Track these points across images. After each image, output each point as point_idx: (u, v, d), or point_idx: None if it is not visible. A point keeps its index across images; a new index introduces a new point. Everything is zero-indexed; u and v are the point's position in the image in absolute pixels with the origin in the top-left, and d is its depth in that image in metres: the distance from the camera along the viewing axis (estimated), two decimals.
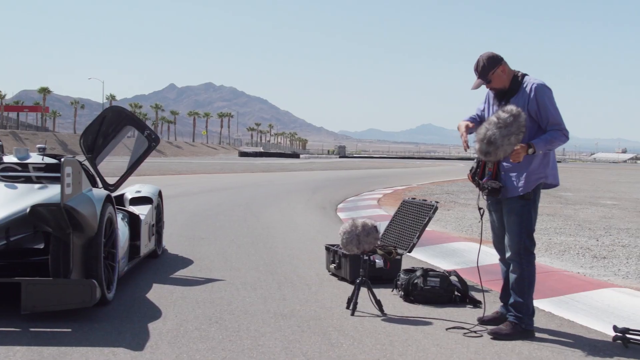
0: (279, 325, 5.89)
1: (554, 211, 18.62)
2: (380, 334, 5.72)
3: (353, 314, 6.33)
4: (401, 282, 7.18)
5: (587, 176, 53.96)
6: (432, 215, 8.00)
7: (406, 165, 75.45)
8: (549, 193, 24.04)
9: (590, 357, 5.25)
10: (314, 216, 16.18)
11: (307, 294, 7.22)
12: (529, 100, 5.72)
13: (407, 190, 27.03)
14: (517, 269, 5.85)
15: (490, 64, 5.78)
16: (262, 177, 37.17)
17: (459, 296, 7.07)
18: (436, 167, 71.49)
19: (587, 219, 16.81)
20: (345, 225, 6.81)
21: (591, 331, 6.03)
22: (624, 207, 21.42)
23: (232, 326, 5.80)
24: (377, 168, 63.14)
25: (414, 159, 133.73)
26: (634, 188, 35.46)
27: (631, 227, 15.05)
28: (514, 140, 5.50)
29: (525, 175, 5.75)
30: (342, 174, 45.82)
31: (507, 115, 5.51)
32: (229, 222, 14.00)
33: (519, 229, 5.82)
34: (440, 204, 18.90)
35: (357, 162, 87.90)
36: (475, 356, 5.19)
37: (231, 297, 6.95)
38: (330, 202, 20.44)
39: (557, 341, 5.68)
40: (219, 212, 16.08)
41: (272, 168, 54.79)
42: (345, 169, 56.33)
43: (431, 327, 6.01)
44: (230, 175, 39.63)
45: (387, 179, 38.41)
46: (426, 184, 33.40)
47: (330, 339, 5.49)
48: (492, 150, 5.55)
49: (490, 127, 5.54)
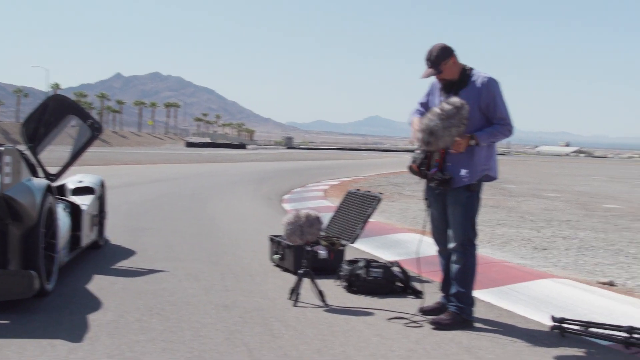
0: (220, 316, 5.87)
1: (498, 203, 18.87)
2: (322, 324, 5.74)
3: (295, 304, 6.34)
4: (344, 273, 7.21)
5: (531, 169, 54.79)
6: (376, 206, 8.03)
7: (353, 157, 75.72)
8: (492, 185, 24.32)
9: (527, 347, 5.33)
10: (259, 207, 16.16)
11: (250, 285, 7.21)
12: (479, 93, 5.78)
13: (354, 182, 27.13)
14: (460, 259, 5.90)
15: (443, 54, 5.83)
16: (209, 168, 36.99)
17: (401, 287, 7.12)
18: (383, 159, 71.86)
19: (530, 211, 17.07)
20: (289, 216, 6.81)
21: (529, 321, 6.13)
22: (565, 199, 21.80)
23: (174, 317, 5.75)
24: (324, 159, 63.26)
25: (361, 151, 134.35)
26: (576, 181, 36.11)
27: (572, 219, 15.33)
28: (455, 132, 5.57)
29: (471, 167, 5.82)
30: (289, 165, 45.82)
31: (450, 107, 5.58)
32: (174, 212, 13.91)
33: (463, 219, 5.89)
34: (386, 196, 19.04)
35: (305, 154, 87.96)
36: (415, 346, 5.23)
37: (173, 288, 6.91)
38: (276, 193, 20.43)
39: (496, 331, 5.76)
40: (164, 202, 15.97)
41: (219, 159, 54.50)
42: (292, 160, 56.35)
43: (373, 318, 6.04)
44: (177, 165, 39.36)
45: (334, 171, 38.52)
46: (373, 176, 33.56)
47: (272, 330, 5.49)
48: (432, 141, 5.62)
49: (433, 118, 5.60)
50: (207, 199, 17.47)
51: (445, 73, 5.86)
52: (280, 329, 5.54)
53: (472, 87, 5.82)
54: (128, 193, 18.01)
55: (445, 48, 5.86)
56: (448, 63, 5.84)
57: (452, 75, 5.88)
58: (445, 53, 5.83)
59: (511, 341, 5.45)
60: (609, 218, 15.95)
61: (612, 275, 8.39)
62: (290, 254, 7.91)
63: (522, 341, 5.46)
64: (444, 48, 5.85)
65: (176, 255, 8.89)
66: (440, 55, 5.82)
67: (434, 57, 5.83)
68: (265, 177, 28.74)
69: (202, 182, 24.26)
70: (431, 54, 5.84)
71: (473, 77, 5.88)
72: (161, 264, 8.21)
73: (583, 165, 79.82)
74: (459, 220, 5.90)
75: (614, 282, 7.90)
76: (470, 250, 5.91)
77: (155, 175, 27.92)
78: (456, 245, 5.91)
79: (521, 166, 61.55)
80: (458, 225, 5.90)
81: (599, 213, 17.25)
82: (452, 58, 5.86)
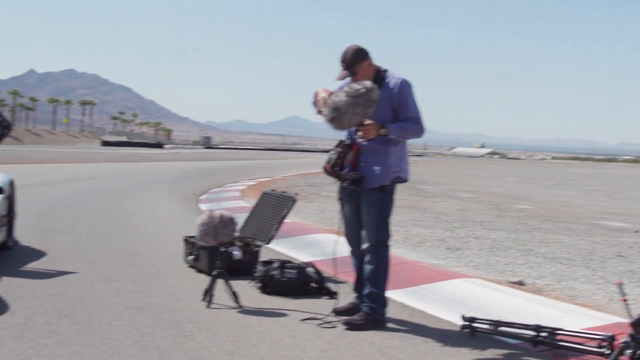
0: (132, 318, 5.78)
1: (414, 204, 19.10)
2: (235, 325, 5.71)
3: (209, 306, 6.30)
4: (258, 274, 7.19)
5: (447, 170, 55.64)
6: (291, 207, 8.03)
7: (272, 157, 75.67)
8: (408, 186, 24.60)
9: (438, 346, 5.40)
10: (175, 207, 16.00)
11: (163, 286, 7.13)
12: (392, 94, 5.83)
13: (271, 182, 27.12)
14: (374, 260, 5.94)
15: (358, 56, 5.85)
16: (125, 167, 36.44)
17: (316, 287, 7.14)
18: (301, 159, 72.00)
19: (445, 211, 17.33)
20: (203, 217, 6.76)
21: (441, 321, 6.21)
22: (479, 200, 22.21)
23: (83, 320, 5.65)
24: (243, 159, 63.04)
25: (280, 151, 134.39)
26: (490, 182, 36.82)
27: (485, 219, 15.62)
28: (361, 111, 5.53)
29: (385, 167, 5.86)
30: (206, 164, 45.51)
31: (360, 87, 5.56)
32: (88, 212, 13.66)
33: (376, 220, 5.92)
34: (303, 196, 19.08)
35: (223, 153, 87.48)
36: (328, 346, 5.25)
37: (84, 290, 6.77)
38: (193, 193, 20.26)
39: (409, 330, 5.82)
40: (78, 202, 15.67)
41: (136, 158, 53.76)
42: (211, 160, 55.98)
43: (286, 319, 6.04)
44: (92, 164, 38.67)
45: (252, 171, 38.41)
46: (291, 176, 33.59)
47: (184, 332, 5.44)
48: (336, 117, 5.57)
49: (340, 94, 5.57)
50: (122, 199, 17.22)
51: (360, 75, 5.88)
52: (192, 330, 5.49)
53: (386, 88, 5.86)
54: (40, 192, 17.62)
55: (360, 50, 5.89)
56: (362, 65, 5.87)
57: (367, 77, 5.90)
58: (360, 55, 5.86)
59: (423, 341, 5.51)
60: (521, 219, 16.30)
61: (522, 275, 8.58)
62: (204, 255, 7.85)
63: (434, 340, 5.53)
64: (359, 50, 5.89)
65: (88, 256, 8.72)
66: (354, 57, 5.85)
67: (349, 59, 5.85)
68: (183, 177, 28.49)
69: (118, 182, 23.88)
70: (346, 56, 5.86)
71: (387, 78, 5.92)
72: (72, 265, 8.05)
73: (497, 166, 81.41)
74: (372, 221, 5.92)
75: (524, 282, 8.08)
76: (383, 251, 5.95)
77: (70, 174, 27.38)
78: (369, 245, 5.94)
79: (437, 167, 62.47)
80: (371, 226, 5.93)
81: (512, 214, 17.62)
82: (367, 60, 5.89)
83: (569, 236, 13.08)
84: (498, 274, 8.56)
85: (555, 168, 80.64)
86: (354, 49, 5.88)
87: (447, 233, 12.63)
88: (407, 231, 12.60)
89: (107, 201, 16.30)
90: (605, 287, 8.06)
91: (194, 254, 8.12)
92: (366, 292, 5.99)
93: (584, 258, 10.29)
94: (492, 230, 13.53)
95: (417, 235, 12.02)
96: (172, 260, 8.66)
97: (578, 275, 8.77)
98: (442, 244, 11.14)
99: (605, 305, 7.04)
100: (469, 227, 13.90)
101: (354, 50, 5.88)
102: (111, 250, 9.28)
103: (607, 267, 9.57)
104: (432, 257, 9.71)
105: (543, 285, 7.98)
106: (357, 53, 5.87)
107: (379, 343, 5.41)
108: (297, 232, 11.33)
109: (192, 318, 5.87)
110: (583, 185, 38.02)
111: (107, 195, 17.88)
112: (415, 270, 8.30)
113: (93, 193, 18.53)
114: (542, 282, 8.21)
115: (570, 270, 9.12)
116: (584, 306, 6.80)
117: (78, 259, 8.51)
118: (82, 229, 11.15)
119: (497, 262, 9.52)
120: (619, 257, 10.59)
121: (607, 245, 11.87)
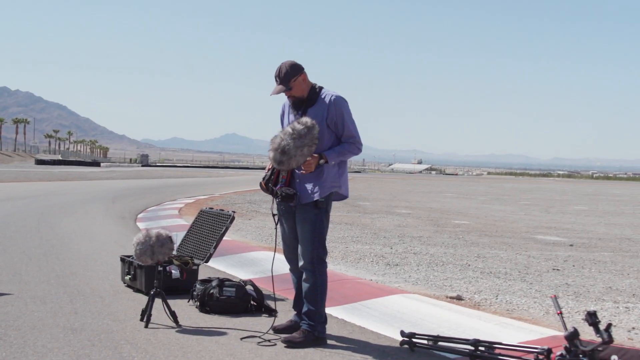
0: (68, 339, 5.67)
1: (352, 220, 19.16)
2: (173, 345, 5.63)
3: (147, 326, 6.21)
4: (197, 293, 7.13)
5: (385, 186, 55.96)
6: (229, 225, 7.99)
7: (210, 175, 75.21)
8: (347, 203, 24.71)
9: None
10: (112, 226, 15.77)
11: (100, 307, 7.00)
12: (327, 111, 5.85)
13: (210, 200, 26.95)
14: (310, 277, 5.93)
15: (292, 71, 5.86)
16: (60, 186, 35.82)
17: (255, 305, 7.10)
18: (240, 177, 71.73)
19: (383, 227, 17.42)
20: (139, 236, 6.68)
21: (381, 336, 6.22)
22: (417, 215, 22.37)
23: (18, 342, 5.51)
24: (181, 177, 62.55)
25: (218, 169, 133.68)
26: (427, 197, 37.13)
27: (423, 235, 15.74)
28: (307, 151, 5.64)
29: (320, 183, 5.86)
30: (144, 183, 45.01)
31: (302, 127, 5.63)
32: (21, 232, 13.38)
33: (312, 237, 5.91)
34: (242, 213, 19.02)
35: (160, 171, 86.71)
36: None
37: (18, 312, 6.62)
38: (130, 212, 20.02)
39: (348, 347, 5.82)
40: (10, 222, 15.34)
41: (71, 177, 52.93)
42: (148, 178, 55.38)
43: (225, 337, 5.99)
44: (26, 183, 37.91)
45: (190, 188, 38.13)
46: (229, 194, 33.43)
47: (122, 353, 5.35)
48: (285, 160, 5.66)
49: (285, 138, 5.64)
50: (57, 218, 16.91)
51: (294, 90, 5.89)
52: (130, 351, 5.40)
53: (321, 104, 5.88)
54: None
55: (295, 65, 5.90)
56: (297, 80, 5.88)
57: (302, 92, 5.91)
58: (295, 70, 5.88)
59: (363, 357, 5.51)
60: (458, 234, 16.48)
61: (460, 290, 8.66)
62: (142, 274, 7.75)
63: (373, 357, 5.53)
64: (294, 65, 5.89)
65: (22, 277, 8.54)
66: (289, 73, 5.86)
67: (284, 74, 5.86)
68: (120, 195, 28.13)
69: (53, 201, 23.45)
70: (280, 71, 5.87)
71: (322, 95, 5.94)
72: (5, 286, 7.87)
73: (435, 182, 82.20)
74: (308, 237, 5.91)
75: (462, 297, 8.15)
76: (320, 267, 5.94)
77: (2, 194, 26.78)
78: (305, 263, 5.93)
79: (375, 183, 62.81)
80: (307, 242, 5.92)
81: (449, 229, 17.79)
82: (302, 75, 5.91)
83: (506, 250, 13.26)
84: (437, 289, 8.62)
85: (492, 183, 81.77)
86: (289, 64, 5.89)
87: (386, 249, 12.69)
88: (346, 247, 12.63)
89: (41, 221, 15.98)
90: (542, 300, 8.18)
91: (131, 274, 8.00)
92: (304, 310, 5.97)
93: (520, 272, 10.43)
94: (430, 245, 13.64)
95: (356, 252, 12.06)
96: (108, 280, 8.53)
97: (515, 289, 8.88)
98: (381, 259, 11.18)
99: (542, 318, 7.14)
100: (407, 242, 13.99)
101: (289, 65, 5.89)
102: (46, 270, 9.10)
103: (543, 280, 9.72)
104: (371, 273, 9.74)
105: (481, 300, 8.06)
106: (292, 68, 5.88)
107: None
108: (235, 249, 11.26)
109: (129, 339, 5.78)
110: (518, 200, 38.60)
111: (41, 215, 17.53)
112: (355, 286, 8.31)
113: (26, 213, 18.16)
114: (480, 296, 8.30)
115: (507, 285, 9.23)
116: (521, 320, 6.88)
117: (11, 280, 8.33)
118: (15, 250, 10.91)
119: (435, 277, 9.59)
120: (554, 270, 10.76)
121: (542, 259, 12.06)
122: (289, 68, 5.86)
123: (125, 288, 8.09)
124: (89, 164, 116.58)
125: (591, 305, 7.96)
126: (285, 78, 5.85)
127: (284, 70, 5.86)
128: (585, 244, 15.20)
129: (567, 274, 10.47)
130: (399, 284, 8.89)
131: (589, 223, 22.33)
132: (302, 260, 5.95)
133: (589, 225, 21.26)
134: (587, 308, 7.55)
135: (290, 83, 5.86)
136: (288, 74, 5.85)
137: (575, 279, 9.94)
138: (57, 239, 12.74)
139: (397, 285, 8.82)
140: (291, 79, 5.86)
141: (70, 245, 11.84)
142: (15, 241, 12.01)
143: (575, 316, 7.28)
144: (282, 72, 5.86)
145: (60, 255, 10.58)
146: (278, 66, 5.92)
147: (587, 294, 8.80)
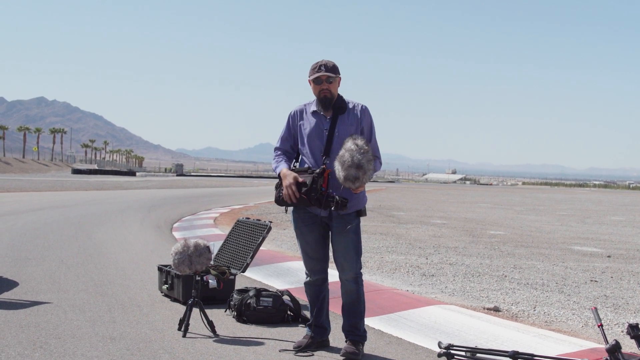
0: (107, 348, 5.71)
1: (387, 230, 19.11)
2: (211, 355, 5.65)
3: (185, 335, 6.24)
4: (234, 303, 7.15)
5: (419, 196, 55.76)
6: (266, 235, 8.01)
7: (244, 184, 75.44)
8: (382, 213, 24.66)
9: None
10: (148, 235, 15.88)
11: (138, 316, 7.05)
12: (360, 121, 5.83)
13: (244, 209, 27.03)
14: (355, 290, 5.86)
15: (336, 68, 5.88)
16: (96, 195, 36.15)
17: (292, 316, 7.11)
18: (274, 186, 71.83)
19: (418, 237, 17.36)
20: (177, 246, 6.72)
21: (418, 348, 6.19)
22: (452, 226, 22.26)
23: (58, 351, 5.57)
24: (215, 187, 62.82)
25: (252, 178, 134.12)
26: (462, 207, 36.94)
27: (458, 245, 15.66)
28: (372, 166, 5.53)
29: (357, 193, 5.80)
30: (179, 192, 45.28)
31: (363, 142, 5.50)
32: (59, 241, 13.52)
33: (356, 246, 5.84)
34: (277, 223, 19.04)
35: (195, 181, 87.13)
36: None
37: (58, 320, 6.69)
38: (166, 221, 20.14)
39: (386, 359, 5.80)
40: (49, 231, 15.51)
41: (107, 186, 53.40)
42: (183, 188, 55.72)
43: (263, 347, 5.99)
44: (62, 193, 38.32)
45: (225, 198, 38.29)
46: (263, 203, 33.48)
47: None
48: (361, 175, 5.47)
49: (354, 153, 5.44)
50: (94, 227, 17.06)
51: (332, 85, 5.85)
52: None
53: (352, 113, 5.85)
54: (11, 221, 17.45)
55: (337, 66, 5.90)
56: (338, 78, 5.88)
57: (335, 92, 5.87)
58: (337, 69, 5.88)
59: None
60: (494, 244, 16.37)
61: (497, 301, 8.60)
62: (179, 283, 7.79)
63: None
64: (336, 66, 5.90)
65: (61, 286, 8.63)
66: (336, 67, 5.86)
67: (332, 65, 5.83)
68: (155, 205, 28.31)
69: (89, 210, 23.67)
70: (328, 63, 5.83)
71: (350, 103, 5.92)
72: (45, 295, 7.96)
73: (469, 192, 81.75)
74: (352, 248, 5.81)
75: (499, 308, 8.09)
76: (361, 278, 5.92)
77: (40, 203, 27.10)
78: (351, 273, 5.84)
79: (410, 193, 62.63)
80: (352, 252, 5.81)
81: (485, 239, 17.69)
82: (339, 77, 5.91)
83: (542, 261, 13.15)
84: (473, 300, 8.58)
85: (527, 193, 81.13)
86: (333, 63, 5.88)
87: (421, 259, 12.65)
88: (381, 257, 12.60)
89: (79, 230, 16.14)
90: (580, 312, 8.10)
91: (168, 283, 8.05)
92: (351, 322, 5.88)
93: (557, 283, 10.34)
94: (466, 256, 13.57)
95: (391, 262, 12.03)
96: (146, 289, 8.59)
97: (552, 301, 8.81)
98: (416, 270, 11.15)
99: (581, 330, 7.07)
100: (443, 253, 13.93)
101: (333, 63, 5.88)
102: (84, 279, 9.18)
103: (580, 292, 9.63)
104: (407, 284, 9.71)
105: (518, 311, 8.00)
106: (336, 67, 5.88)
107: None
108: (271, 259, 11.29)
109: (167, 348, 5.81)
110: (554, 210, 38.27)
111: (79, 224, 17.71)
112: (391, 297, 8.29)
113: (64, 222, 18.35)
114: (517, 308, 8.24)
115: (544, 296, 9.16)
116: (560, 332, 6.82)
117: (50, 288, 8.42)
118: (54, 258, 11.03)
119: (472, 288, 9.54)
120: (592, 282, 10.66)
121: (580, 271, 11.95)
122: (334, 65, 5.88)
123: (162, 297, 8.14)
124: (125, 174, 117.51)
125: (631, 317, 7.87)
126: (334, 69, 5.83)
127: (331, 64, 5.85)
128: (623, 255, 15.04)
129: (605, 285, 10.37)
130: (435, 295, 8.86)
131: (626, 234, 22.09)
132: (345, 271, 5.85)
133: (626, 236, 21.03)
134: (627, 320, 7.47)
135: (336, 75, 5.86)
136: (335, 67, 5.85)
137: (613, 291, 9.84)
138: (94, 248, 12.85)
139: (434, 296, 8.78)
140: (337, 72, 5.86)
141: (108, 255, 11.94)
142: (54, 250, 12.13)
143: (615, 328, 7.20)
144: (330, 64, 5.83)
145: (97, 264, 10.68)
146: (317, 62, 5.86)
147: (626, 305, 8.71)
